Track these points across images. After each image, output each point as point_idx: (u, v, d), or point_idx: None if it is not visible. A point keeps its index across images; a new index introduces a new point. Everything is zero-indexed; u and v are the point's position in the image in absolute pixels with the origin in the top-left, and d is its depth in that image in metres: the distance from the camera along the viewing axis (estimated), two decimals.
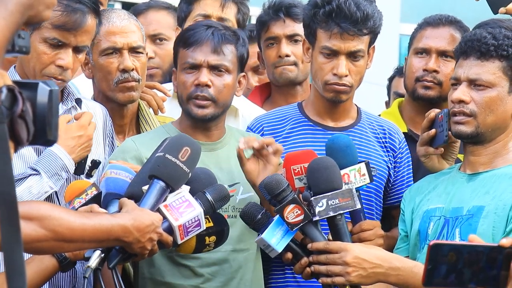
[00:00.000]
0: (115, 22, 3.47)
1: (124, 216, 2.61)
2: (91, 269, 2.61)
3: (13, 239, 1.56)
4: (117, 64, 3.46)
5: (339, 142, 3.11)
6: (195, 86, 3.21)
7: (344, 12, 3.31)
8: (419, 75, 3.79)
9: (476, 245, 2.17)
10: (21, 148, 1.61)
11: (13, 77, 3.09)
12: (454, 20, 3.85)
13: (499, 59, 3.04)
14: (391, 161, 3.54)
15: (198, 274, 3.18)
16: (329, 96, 3.41)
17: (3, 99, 1.57)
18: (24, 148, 2.90)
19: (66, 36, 3.05)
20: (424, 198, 3.19)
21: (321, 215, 2.89)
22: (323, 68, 3.38)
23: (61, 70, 3.07)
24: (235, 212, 3.19)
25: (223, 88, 3.23)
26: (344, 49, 3.35)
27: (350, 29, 3.32)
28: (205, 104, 3.21)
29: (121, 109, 3.54)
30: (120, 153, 3.22)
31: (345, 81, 3.37)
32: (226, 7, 3.93)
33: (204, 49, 3.23)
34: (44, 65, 3.06)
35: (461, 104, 3.07)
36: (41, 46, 3.05)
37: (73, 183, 2.96)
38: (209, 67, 3.22)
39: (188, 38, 3.26)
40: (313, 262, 2.93)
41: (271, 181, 2.91)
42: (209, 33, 3.23)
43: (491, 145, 3.09)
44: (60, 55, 3.06)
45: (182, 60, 3.26)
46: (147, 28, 4.25)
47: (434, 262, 2.12)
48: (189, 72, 3.24)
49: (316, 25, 3.38)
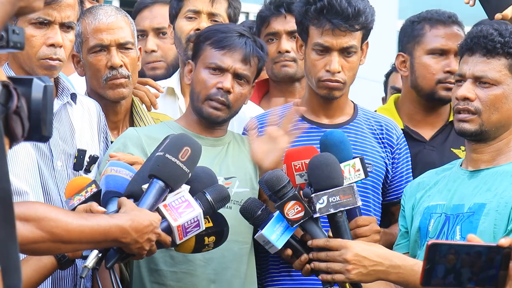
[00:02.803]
0: (101, 19, 3.48)
1: (122, 216, 2.61)
2: (88, 268, 2.60)
3: (8, 236, 1.55)
4: (105, 61, 3.48)
5: (333, 137, 3.11)
6: (217, 89, 3.26)
7: (335, 8, 3.31)
8: (442, 77, 3.77)
9: (474, 245, 2.16)
10: (16, 144, 1.60)
11: (7, 74, 3.08)
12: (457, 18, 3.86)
13: (505, 57, 3.02)
14: (389, 157, 3.53)
15: (190, 260, 3.18)
16: (322, 93, 3.41)
17: None
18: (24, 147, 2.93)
19: (50, 13, 3.05)
20: (425, 194, 3.17)
21: (322, 212, 2.88)
22: (316, 65, 3.38)
23: (54, 49, 3.07)
24: (230, 203, 3.18)
25: (240, 96, 3.31)
26: (336, 45, 3.34)
27: (341, 25, 3.32)
28: (220, 107, 3.27)
29: (114, 105, 3.54)
30: (122, 139, 3.25)
31: (338, 78, 3.37)
32: (216, 2, 3.93)
33: (235, 56, 3.28)
34: (36, 48, 3.06)
35: (466, 101, 3.04)
36: (28, 29, 3.05)
37: (73, 180, 2.96)
38: (234, 74, 3.28)
39: (220, 40, 3.31)
40: (313, 259, 2.92)
41: (271, 177, 2.90)
42: (242, 42, 3.30)
43: (494, 143, 3.07)
44: (48, 34, 3.07)
45: (208, 59, 3.29)
46: (152, 21, 4.29)
47: (432, 262, 2.11)
48: (213, 73, 3.29)
49: (308, 22, 3.38)
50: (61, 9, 3.07)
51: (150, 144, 3.15)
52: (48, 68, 3.07)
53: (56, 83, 3.20)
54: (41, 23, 3.06)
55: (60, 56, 3.09)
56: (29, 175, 3.01)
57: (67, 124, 3.20)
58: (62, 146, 3.14)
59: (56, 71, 3.12)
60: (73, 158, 3.16)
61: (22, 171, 2.99)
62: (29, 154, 3.02)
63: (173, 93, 4.05)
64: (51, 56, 3.07)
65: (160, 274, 3.20)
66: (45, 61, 3.06)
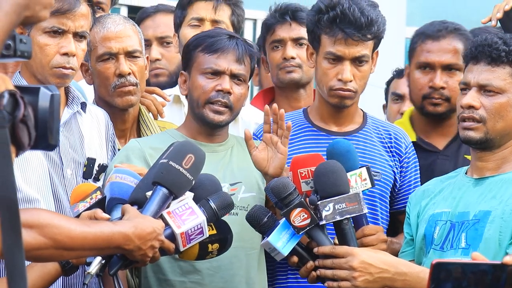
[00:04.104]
0: (110, 28, 3.50)
1: (125, 223, 2.61)
2: (91, 275, 2.60)
3: (14, 244, 1.56)
4: (113, 69, 3.50)
5: (339, 147, 3.12)
6: (216, 91, 3.27)
7: (348, 18, 3.32)
8: (426, 92, 3.77)
9: (479, 263, 2.15)
10: (22, 153, 1.61)
11: (18, 82, 3.11)
12: (454, 29, 3.80)
13: (510, 65, 3.03)
14: (397, 165, 3.53)
15: (198, 270, 3.19)
16: (334, 101, 3.41)
17: (5, 104, 1.57)
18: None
19: (64, 22, 3.08)
20: (430, 202, 3.17)
21: (328, 219, 2.89)
22: (327, 74, 3.38)
23: (67, 58, 3.09)
24: (236, 210, 3.19)
25: (241, 96, 3.32)
26: (348, 54, 3.35)
27: (354, 34, 3.32)
28: (222, 110, 3.28)
29: (122, 113, 3.56)
30: (124, 152, 3.26)
31: (350, 87, 3.37)
32: (219, 10, 3.95)
33: (229, 58, 3.30)
34: (49, 56, 3.08)
35: (471, 109, 3.05)
36: (42, 38, 3.08)
37: (78, 186, 2.97)
38: (231, 75, 3.29)
39: (211, 44, 3.32)
40: (319, 266, 2.92)
41: (277, 184, 2.91)
42: (233, 43, 3.32)
43: (499, 151, 3.07)
44: (62, 43, 3.09)
45: (203, 65, 3.31)
46: (155, 30, 4.31)
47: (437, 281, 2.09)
48: (210, 77, 3.30)
49: (320, 31, 3.39)
50: (75, 19, 3.10)
51: (152, 155, 3.15)
52: (61, 77, 3.10)
53: (66, 92, 3.22)
54: (55, 32, 3.09)
55: (73, 65, 3.11)
56: (41, 183, 3.03)
57: (77, 133, 3.22)
58: (72, 155, 3.16)
59: (69, 80, 3.14)
60: (82, 167, 3.18)
61: (34, 179, 3.02)
62: (40, 162, 3.04)
63: (179, 101, 4.07)
64: (64, 64, 3.09)
65: (168, 284, 3.21)
66: (58, 69, 3.09)
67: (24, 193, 2.94)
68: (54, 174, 3.07)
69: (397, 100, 4.70)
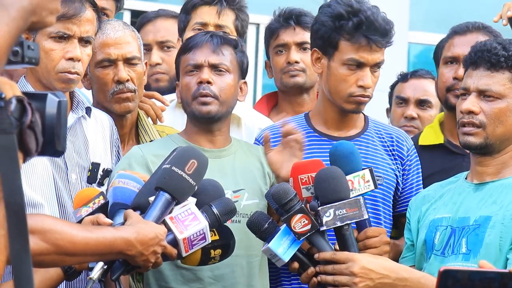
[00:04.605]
0: (109, 34, 3.51)
1: (127, 229, 2.61)
2: (93, 280, 2.60)
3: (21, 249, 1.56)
4: (112, 76, 3.51)
5: (342, 148, 3.12)
6: (197, 84, 3.28)
7: (373, 25, 3.32)
8: (449, 84, 3.80)
9: (487, 271, 2.15)
10: (29, 159, 1.62)
11: (24, 87, 3.12)
12: (482, 26, 3.84)
13: (509, 70, 3.03)
14: (399, 169, 3.53)
15: (200, 278, 3.19)
16: (351, 107, 3.41)
17: (13, 110, 1.58)
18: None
19: (69, 27, 3.10)
20: (430, 207, 3.18)
21: (328, 225, 2.89)
22: (347, 80, 3.37)
23: (72, 63, 3.11)
24: (238, 217, 3.20)
25: (225, 86, 3.30)
26: (370, 61, 3.35)
27: (379, 41, 3.33)
28: (208, 100, 3.27)
29: (120, 119, 3.57)
30: (126, 159, 3.25)
31: (369, 92, 3.39)
32: (222, 14, 3.96)
33: (205, 51, 3.32)
34: (55, 61, 3.11)
35: (471, 114, 3.05)
36: (48, 43, 3.10)
37: (81, 191, 2.98)
38: (210, 66, 3.30)
39: (187, 44, 3.37)
40: (320, 272, 2.93)
41: (278, 190, 2.91)
42: (207, 37, 3.34)
43: (499, 155, 3.08)
44: (67, 48, 3.11)
45: (184, 64, 3.34)
46: (156, 35, 4.31)
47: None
48: (191, 74, 3.32)
49: (339, 37, 3.36)
50: (80, 24, 3.12)
51: (154, 162, 3.14)
52: (66, 82, 3.11)
53: (71, 97, 3.24)
54: (60, 37, 3.11)
55: (78, 70, 3.14)
56: (45, 188, 3.04)
57: (81, 138, 3.23)
58: (77, 159, 3.17)
59: (74, 85, 3.16)
60: (87, 171, 3.19)
61: (39, 184, 3.03)
62: (45, 166, 3.06)
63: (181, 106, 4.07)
64: (69, 69, 3.11)
65: None
66: (63, 74, 3.11)
67: (28, 197, 2.95)
68: (59, 178, 3.08)
69: (401, 103, 4.71)
